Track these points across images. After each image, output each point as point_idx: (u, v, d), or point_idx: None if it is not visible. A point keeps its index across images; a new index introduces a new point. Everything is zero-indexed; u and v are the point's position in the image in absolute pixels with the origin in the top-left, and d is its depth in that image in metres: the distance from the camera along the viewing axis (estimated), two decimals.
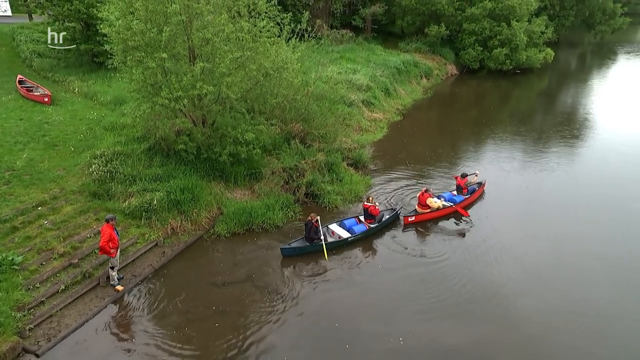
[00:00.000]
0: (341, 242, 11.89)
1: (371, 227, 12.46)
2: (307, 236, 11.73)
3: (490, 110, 26.78)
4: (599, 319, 9.44)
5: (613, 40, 55.35)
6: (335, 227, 12.42)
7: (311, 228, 11.63)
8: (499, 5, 33.26)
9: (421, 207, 13.27)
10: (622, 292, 10.29)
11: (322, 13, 33.00)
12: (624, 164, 17.86)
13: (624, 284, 10.58)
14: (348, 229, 12.34)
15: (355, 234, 12.14)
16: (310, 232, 11.63)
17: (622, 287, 10.47)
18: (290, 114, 16.28)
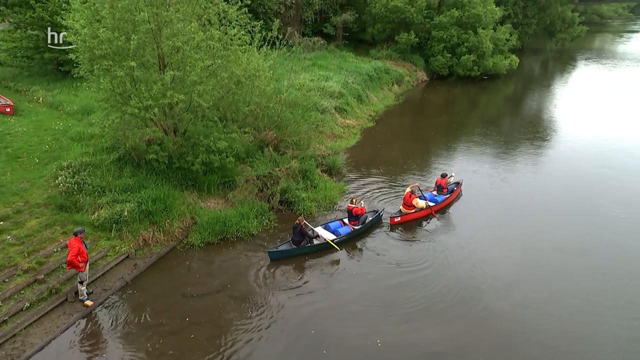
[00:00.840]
0: (327, 244, 12.05)
1: (355, 228, 12.71)
2: (294, 239, 11.85)
3: (460, 115, 27.49)
4: (575, 318, 9.69)
5: (572, 47, 57.85)
6: (320, 230, 12.58)
7: (299, 231, 11.75)
8: (465, 13, 34.32)
9: (406, 207, 13.59)
10: (596, 291, 10.62)
11: (293, 21, 33.19)
12: (586, 163, 18.61)
13: (597, 282, 10.92)
14: (333, 231, 12.53)
15: (340, 235, 12.36)
16: (297, 235, 11.76)
17: (595, 286, 10.80)
18: (263, 121, 16.26)
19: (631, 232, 13.19)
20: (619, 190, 15.96)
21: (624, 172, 17.66)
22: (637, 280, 10.93)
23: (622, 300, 10.22)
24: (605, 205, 14.80)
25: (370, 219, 13.13)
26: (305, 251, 11.84)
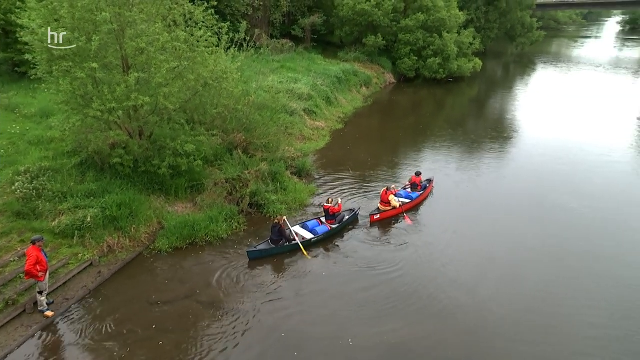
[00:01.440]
0: (305, 243, 12.17)
1: (333, 227, 12.95)
2: (273, 238, 11.96)
3: (427, 116, 28.12)
4: (543, 314, 10.00)
5: (532, 51, 60.32)
6: (298, 229, 12.75)
7: (278, 231, 11.87)
8: (430, 17, 35.16)
9: (383, 204, 14.02)
10: (561, 286, 11.03)
11: (261, 23, 33.05)
12: (547, 160, 19.43)
13: (561, 278, 11.35)
14: (311, 230, 12.74)
15: (318, 234, 12.56)
16: (275, 234, 11.89)
17: (560, 282, 11.23)
18: (232, 124, 16.10)
19: (590, 226, 13.83)
20: (577, 185, 16.76)
21: (581, 168, 18.55)
22: (594, 272, 11.47)
23: (579, 291, 10.70)
24: (564, 200, 15.49)
25: (347, 218, 13.41)
26: (284, 250, 11.93)
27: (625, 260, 11.99)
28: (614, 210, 14.81)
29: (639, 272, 11.49)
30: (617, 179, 17.70)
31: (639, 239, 13.20)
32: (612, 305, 10.25)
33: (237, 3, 29.11)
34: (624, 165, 19.19)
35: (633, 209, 15.01)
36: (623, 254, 12.35)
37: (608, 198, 15.76)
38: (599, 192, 16.31)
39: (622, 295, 10.57)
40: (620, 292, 10.67)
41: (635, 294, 10.64)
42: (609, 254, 12.29)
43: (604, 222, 14.05)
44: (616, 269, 11.61)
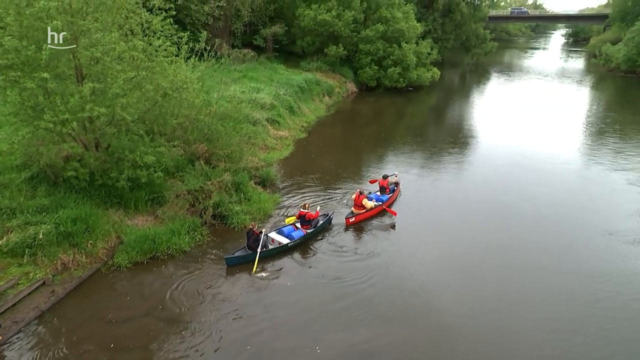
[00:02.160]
0: (282, 247, 12.41)
1: (308, 232, 13.15)
2: (249, 245, 12.07)
3: (389, 124, 28.73)
4: (508, 315, 10.32)
5: (486, 61, 63.09)
6: (274, 235, 12.92)
7: (252, 236, 12.02)
8: (389, 28, 36.11)
9: (357, 208, 14.47)
10: (518, 285, 11.47)
11: (222, 32, 32.81)
12: (502, 166, 20.25)
13: (518, 278, 11.81)
14: (287, 235, 12.92)
15: (294, 239, 12.72)
16: (251, 240, 12.03)
17: (518, 281, 11.69)
18: (193, 134, 15.83)
19: (543, 226, 14.49)
20: (530, 187, 17.59)
21: (534, 172, 19.45)
22: (549, 269, 12.03)
23: (537, 293, 11.18)
24: (518, 201, 16.24)
25: (321, 222, 13.65)
26: (262, 256, 11.92)
27: (575, 255, 12.68)
28: (564, 210, 15.63)
29: (587, 264, 12.16)
30: (565, 180, 18.72)
31: (585, 234, 13.98)
32: (568, 297, 10.77)
33: (197, 12, 28.77)
34: (571, 167, 20.34)
35: (578, 207, 15.90)
36: (573, 249, 13.05)
37: (558, 199, 16.62)
38: (550, 193, 17.16)
39: (574, 287, 11.13)
40: (572, 284, 11.23)
41: (587, 285, 11.24)
42: (561, 251, 12.93)
43: (556, 223, 14.77)
44: (567, 264, 12.24)
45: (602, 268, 12.15)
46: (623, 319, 10.19)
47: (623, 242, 13.55)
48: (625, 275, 11.83)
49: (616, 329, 9.88)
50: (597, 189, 17.96)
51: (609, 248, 13.26)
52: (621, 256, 12.77)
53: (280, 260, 12.16)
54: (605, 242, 13.59)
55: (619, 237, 13.82)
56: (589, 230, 14.36)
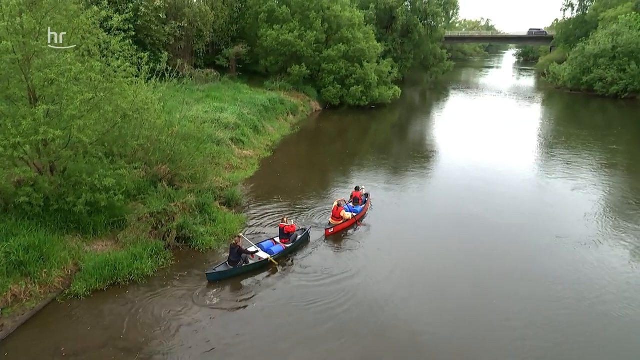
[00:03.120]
0: (262, 262, 12.52)
1: (287, 246, 13.35)
2: (231, 259, 12.12)
3: (353, 141, 29.22)
4: (471, 325, 10.52)
5: (444, 79, 65.63)
6: (253, 250, 12.92)
7: (237, 252, 12.09)
8: (351, 48, 37.04)
9: (335, 219, 15.05)
10: (483, 296, 11.73)
11: (184, 53, 32.65)
12: (463, 179, 20.93)
13: (483, 288, 12.11)
14: (266, 250, 13.03)
15: (273, 254, 12.84)
16: (233, 255, 12.08)
17: (482, 291, 11.98)
18: (155, 155, 15.51)
19: (508, 237, 15.04)
20: (492, 198, 18.30)
21: (493, 183, 20.26)
22: (512, 278, 12.44)
23: (500, 300, 11.52)
24: (479, 212, 16.82)
25: (299, 237, 13.90)
26: (243, 271, 12.05)
27: (536, 261, 13.17)
28: (523, 219, 16.29)
29: (546, 269, 12.66)
30: (522, 190, 19.66)
31: (542, 240, 14.61)
32: (531, 303, 11.12)
33: (157, 33, 28.54)
34: (526, 178, 21.35)
35: (535, 215, 16.62)
36: (533, 255, 13.57)
37: (517, 208, 17.35)
38: (510, 204, 17.87)
39: (537, 292, 11.54)
40: (535, 290, 11.65)
41: (549, 290, 11.67)
42: (523, 258, 13.43)
43: (516, 230, 15.38)
44: (530, 273, 12.69)
45: (561, 272, 12.67)
46: (586, 323, 10.57)
47: (577, 245, 14.30)
48: (583, 279, 12.37)
49: (582, 333, 10.25)
50: (550, 197, 18.94)
51: (565, 252, 13.91)
52: (577, 260, 13.37)
53: (254, 280, 11.96)
54: (560, 246, 14.27)
55: (573, 241, 14.58)
56: (546, 236, 15.00)
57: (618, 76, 47.25)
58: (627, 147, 29.22)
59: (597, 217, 16.69)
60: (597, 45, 49.78)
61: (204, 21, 31.89)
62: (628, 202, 18.37)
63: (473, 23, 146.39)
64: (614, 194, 19.41)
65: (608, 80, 47.75)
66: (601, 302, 11.37)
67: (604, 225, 15.99)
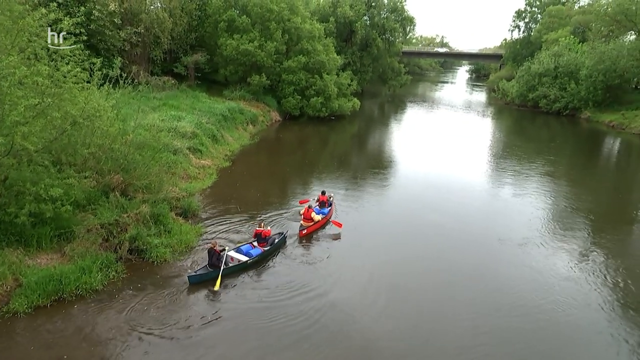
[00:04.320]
0: (242, 265, 12.85)
1: (265, 249, 13.70)
2: (210, 263, 12.43)
3: (313, 152, 29.40)
4: (427, 329, 10.81)
5: (402, 92, 67.64)
6: (233, 254, 13.22)
7: (214, 255, 12.39)
8: (311, 60, 37.44)
9: (306, 221, 15.64)
10: (440, 299, 12.13)
11: (140, 59, 31.75)
12: (421, 188, 21.65)
13: (439, 291, 12.49)
14: (245, 253, 13.38)
15: (252, 256, 13.21)
16: (213, 259, 12.39)
17: (438, 294, 12.35)
18: (107, 164, 14.92)
19: (463, 243, 15.60)
20: (446, 206, 19.04)
21: (448, 192, 21.07)
22: (468, 282, 12.89)
23: (462, 297, 11.91)
24: (436, 219, 17.57)
25: (277, 240, 14.34)
26: (223, 273, 12.23)
27: (488, 266, 13.75)
28: (477, 226, 17.06)
29: (498, 276, 13.24)
30: (475, 198, 20.62)
31: (496, 247, 15.31)
32: (487, 309, 11.56)
33: (112, 38, 27.57)
34: (479, 186, 22.43)
35: (488, 221, 17.46)
36: (486, 261, 14.16)
37: (473, 216, 18.14)
38: (464, 211, 18.70)
39: (494, 299, 12.01)
40: (492, 297, 12.12)
41: (503, 292, 12.20)
42: (476, 263, 14.00)
43: (472, 238, 16.07)
44: (484, 275, 13.24)
45: (506, 277, 13.31)
46: (542, 328, 11.10)
47: (522, 248, 15.26)
48: (527, 283, 13.01)
49: (543, 338, 10.73)
50: (498, 204, 20.35)
51: (511, 255, 14.82)
52: (524, 264, 14.10)
53: (220, 295, 11.66)
54: (505, 249, 15.22)
55: (517, 244, 15.71)
56: (494, 240, 15.92)
57: (560, 94, 50.60)
58: (567, 159, 31.76)
59: (540, 221, 18.05)
60: (541, 64, 53.15)
61: (162, 28, 31.20)
62: (566, 208, 19.99)
63: (429, 39, 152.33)
64: (555, 200, 20.99)
65: (551, 98, 51.01)
66: (544, 310, 11.99)
67: (546, 229, 17.31)
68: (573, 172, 27.79)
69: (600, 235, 17.02)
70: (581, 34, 59.99)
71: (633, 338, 10.81)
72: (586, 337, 10.91)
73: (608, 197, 23.12)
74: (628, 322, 11.44)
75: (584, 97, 48.54)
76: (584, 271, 13.97)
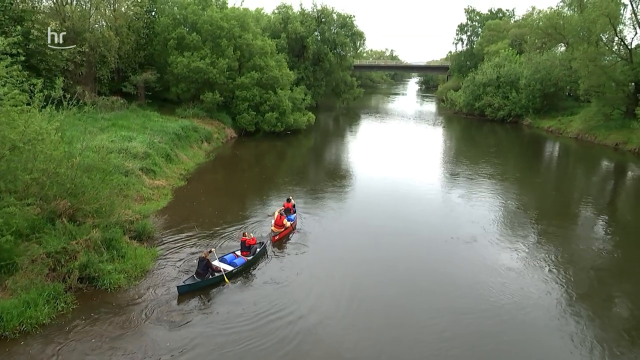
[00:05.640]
0: (227, 274, 13.19)
1: (248, 259, 14.20)
2: (198, 272, 12.78)
3: (270, 167, 29.33)
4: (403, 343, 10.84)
5: (355, 105, 69.08)
6: (217, 263, 13.54)
7: (205, 264, 12.76)
8: (264, 75, 37.55)
9: (277, 227, 16.57)
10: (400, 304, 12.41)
11: (86, 79, 30.61)
12: (378, 194, 22.25)
13: (399, 298, 12.72)
14: (229, 263, 13.82)
15: (237, 266, 13.68)
16: (202, 268, 12.73)
17: (400, 301, 12.61)
18: (53, 189, 14.13)
19: (417, 243, 16.33)
20: (403, 212, 19.74)
21: (403, 198, 21.84)
22: (432, 284, 13.25)
23: (424, 302, 12.18)
24: (394, 225, 18.24)
25: (259, 250, 14.81)
26: (210, 282, 12.77)
27: (446, 268, 14.22)
28: (431, 229, 17.75)
29: (459, 275, 13.70)
30: (430, 203, 21.54)
31: (452, 248, 15.88)
32: (450, 313, 11.90)
33: (53, 58, 26.40)
34: (433, 192, 23.48)
35: (443, 225, 18.09)
36: (444, 263, 14.65)
37: (426, 219, 18.93)
38: (420, 216, 19.48)
39: (456, 304, 12.37)
40: (454, 302, 12.49)
41: (463, 293, 12.64)
42: (434, 267, 14.54)
43: (427, 241, 16.77)
44: (442, 277, 13.66)
45: (463, 279, 13.80)
46: (508, 330, 11.53)
47: (476, 247, 15.96)
48: (482, 285, 13.55)
49: (485, 342, 11.14)
50: (450, 207, 21.38)
51: (466, 255, 15.46)
52: (482, 263, 14.70)
53: (182, 323, 11.18)
54: (465, 248, 16.09)
55: (467, 243, 16.71)
56: (451, 241, 16.73)
57: (503, 102, 53.69)
58: (512, 162, 34.16)
59: (489, 222, 19.10)
60: (484, 75, 56.22)
61: (108, 47, 30.27)
62: (513, 206, 21.52)
63: (379, 53, 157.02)
64: (503, 201, 22.40)
65: (495, 106, 53.97)
66: (504, 307, 12.53)
67: (495, 228, 18.43)
68: (517, 174, 29.79)
69: (544, 230, 18.46)
70: (518, 45, 64.15)
71: (583, 327, 11.53)
72: (543, 329, 11.48)
73: (549, 195, 25.11)
74: (576, 312, 12.20)
75: (525, 105, 51.78)
76: (532, 266, 14.96)
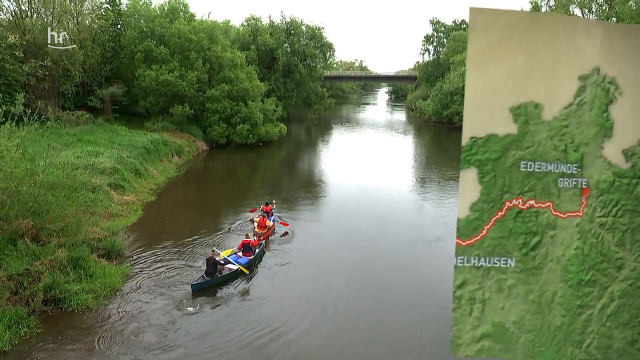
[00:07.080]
0: (234, 272, 13.81)
1: (251, 258, 14.74)
2: (208, 271, 13.36)
3: (242, 179, 29.10)
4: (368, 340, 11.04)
5: (327, 115, 69.58)
6: (223, 262, 14.08)
7: (213, 263, 13.37)
8: (234, 87, 37.39)
9: (260, 228, 17.35)
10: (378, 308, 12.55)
11: (49, 94, 29.70)
12: (350, 204, 22.51)
13: (375, 302, 12.85)
14: (235, 262, 14.24)
15: (242, 264, 14.16)
16: (211, 267, 13.32)
17: (378, 305, 12.73)
18: (14, 209, 13.55)
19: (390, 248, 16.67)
20: (375, 218, 20.09)
21: (376, 205, 22.27)
22: (404, 285, 13.40)
23: (398, 305, 12.26)
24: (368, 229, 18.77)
25: (258, 251, 15.38)
26: (220, 280, 13.45)
27: (421, 270, 14.41)
28: (402, 232, 18.29)
29: (430, 275, 13.90)
30: (403, 207, 22.26)
31: (416, 251, 16.34)
32: (424, 309, 12.04)
33: (13, 72, 25.52)
34: (405, 197, 24.18)
35: (412, 229, 18.60)
36: (418, 264, 14.92)
37: (397, 223, 19.46)
38: (393, 221, 19.88)
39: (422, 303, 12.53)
40: (423, 302, 12.64)
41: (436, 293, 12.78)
42: (408, 269, 14.99)
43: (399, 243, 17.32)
44: (413, 279, 13.85)
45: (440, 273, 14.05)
46: None
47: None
48: None
49: None
50: (422, 212, 22.09)
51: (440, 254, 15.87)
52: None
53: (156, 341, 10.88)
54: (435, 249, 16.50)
55: None
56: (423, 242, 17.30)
57: None
58: None
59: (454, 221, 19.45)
60: (451, 84, 57.66)
61: (72, 60, 29.48)
62: None
63: (348, 64, 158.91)
64: None
65: (463, 114, 55.38)
66: None
67: None
68: None
69: None
70: None
71: None
72: None
73: None
74: None
75: None
76: None
